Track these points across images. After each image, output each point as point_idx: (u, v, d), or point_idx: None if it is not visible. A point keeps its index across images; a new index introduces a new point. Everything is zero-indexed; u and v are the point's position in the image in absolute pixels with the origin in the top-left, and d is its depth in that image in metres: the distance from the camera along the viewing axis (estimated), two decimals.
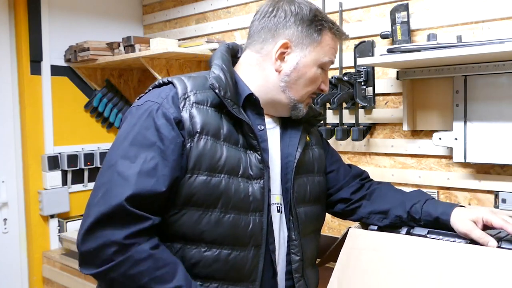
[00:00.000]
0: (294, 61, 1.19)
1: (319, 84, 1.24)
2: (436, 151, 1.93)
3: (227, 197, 1.10)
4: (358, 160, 2.19)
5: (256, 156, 1.15)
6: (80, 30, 2.91)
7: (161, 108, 1.09)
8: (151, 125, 1.07)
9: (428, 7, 1.93)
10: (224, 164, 1.10)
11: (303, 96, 1.23)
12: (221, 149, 1.11)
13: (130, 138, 1.07)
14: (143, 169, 1.03)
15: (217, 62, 1.17)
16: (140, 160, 1.04)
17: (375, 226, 1.36)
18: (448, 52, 1.55)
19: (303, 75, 1.20)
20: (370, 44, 2.03)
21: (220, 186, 1.09)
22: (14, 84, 2.72)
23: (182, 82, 1.14)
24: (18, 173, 2.75)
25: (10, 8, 2.69)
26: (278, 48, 1.18)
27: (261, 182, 1.15)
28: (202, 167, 1.08)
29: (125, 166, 1.04)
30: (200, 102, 1.12)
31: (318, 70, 1.21)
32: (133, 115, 1.12)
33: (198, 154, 1.08)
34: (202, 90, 1.14)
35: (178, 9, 2.97)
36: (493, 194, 1.80)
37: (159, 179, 1.04)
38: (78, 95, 2.94)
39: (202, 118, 1.10)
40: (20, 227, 2.76)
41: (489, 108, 1.73)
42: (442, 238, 1.24)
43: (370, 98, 2.04)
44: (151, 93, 1.16)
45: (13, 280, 2.75)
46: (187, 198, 1.08)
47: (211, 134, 1.10)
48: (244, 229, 1.12)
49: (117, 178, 1.03)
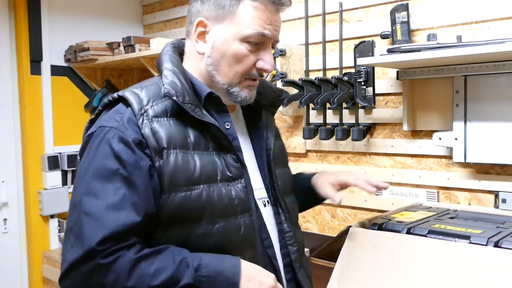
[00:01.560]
0: (212, 39, 1.08)
1: (250, 63, 1.09)
2: (436, 151, 1.93)
3: (211, 207, 1.03)
4: (358, 160, 2.19)
5: (231, 156, 1.09)
6: (80, 30, 2.91)
7: (117, 133, 1.00)
8: (109, 153, 0.98)
9: (428, 7, 1.93)
10: (200, 173, 1.03)
11: (232, 78, 1.10)
12: (193, 159, 1.03)
13: (90, 172, 0.99)
14: (110, 203, 0.95)
15: (167, 65, 1.08)
16: (105, 194, 0.96)
17: (376, 225, 1.36)
18: (448, 52, 1.55)
19: (224, 53, 1.08)
20: (370, 44, 2.03)
21: (201, 197, 1.02)
22: (14, 84, 2.72)
23: (135, 96, 1.04)
24: (18, 173, 2.75)
25: (10, 8, 2.69)
26: (194, 27, 1.09)
27: (242, 181, 1.09)
28: (179, 183, 1.00)
29: (90, 203, 0.96)
30: (159, 114, 1.03)
31: (242, 45, 1.07)
32: (89, 147, 1.03)
33: (170, 171, 1.00)
34: (158, 100, 1.05)
35: (178, 9, 2.97)
36: (493, 194, 1.80)
37: (130, 210, 0.96)
38: (78, 95, 2.95)
39: (166, 131, 1.02)
40: (20, 227, 2.76)
41: (489, 108, 1.73)
42: (442, 238, 1.25)
43: (370, 98, 2.04)
44: (103, 117, 1.06)
45: (13, 280, 2.75)
46: (170, 219, 1.00)
47: (179, 147, 1.02)
48: (236, 234, 1.07)
49: (85, 218, 0.95)
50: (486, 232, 1.26)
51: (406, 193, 2.03)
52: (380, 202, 2.10)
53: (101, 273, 0.93)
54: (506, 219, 1.47)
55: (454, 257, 1.15)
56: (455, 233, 1.25)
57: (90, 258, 0.92)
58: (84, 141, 1.07)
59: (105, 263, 0.93)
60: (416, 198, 1.99)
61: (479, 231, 1.26)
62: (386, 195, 2.08)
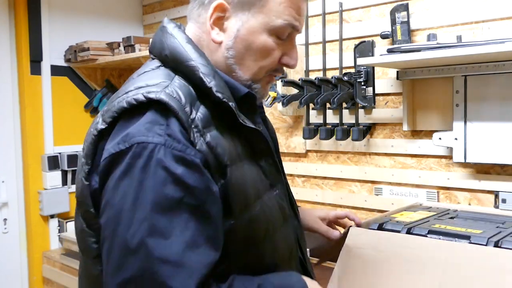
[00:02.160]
0: (235, 27, 0.91)
1: (277, 57, 0.95)
2: (436, 151, 1.93)
3: (269, 223, 0.91)
4: (358, 160, 2.19)
5: (268, 161, 0.96)
6: (80, 30, 2.91)
7: (170, 151, 0.79)
8: (167, 178, 0.77)
9: (428, 7, 1.93)
10: (253, 187, 0.89)
11: (256, 74, 0.94)
12: (246, 172, 0.89)
13: (144, 205, 0.77)
14: (186, 240, 0.76)
15: (200, 61, 0.89)
16: (174, 231, 0.76)
17: (376, 225, 1.36)
18: (448, 52, 1.55)
19: (250, 45, 0.91)
20: (370, 44, 2.03)
21: (260, 215, 0.89)
22: (14, 84, 2.72)
23: (176, 101, 0.82)
24: (18, 173, 2.75)
25: (10, 8, 2.69)
26: (211, 12, 0.91)
27: (279, 186, 0.98)
28: (243, 204, 0.86)
29: (161, 246, 0.75)
30: (207, 124, 0.84)
31: (270, 38, 0.92)
32: (128, 170, 0.79)
33: (236, 191, 0.85)
34: (196, 105, 0.86)
35: (178, 9, 2.97)
36: (493, 194, 1.80)
37: (206, 245, 0.78)
38: (78, 95, 2.95)
39: (221, 144, 0.84)
40: (20, 227, 2.76)
41: (489, 108, 1.73)
42: (442, 238, 1.24)
43: (370, 98, 2.04)
44: (136, 129, 0.80)
45: (13, 280, 2.75)
46: (236, 247, 0.86)
47: (236, 160, 0.87)
48: (283, 248, 0.96)
49: (162, 266, 0.74)
50: (486, 232, 1.26)
51: (406, 193, 2.03)
52: (380, 202, 2.10)
53: None
54: (506, 219, 1.47)
55: (454, 257, 1.15)
56: (455, 233, 1.25)
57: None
58: (106, 162, 0.81)
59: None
60: (416, 198, 1.99)
61: (479, 231, 1.26)
62: (386, 195, 2.08)
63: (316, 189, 2.33)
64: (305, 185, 2.37)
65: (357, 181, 2.19)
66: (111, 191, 0.80)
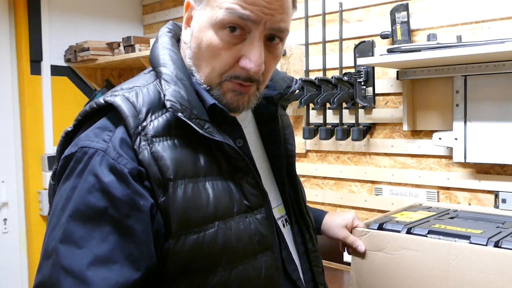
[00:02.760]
0: (192, 24, 0.85)
1: (229, 59, 0.81)
2: (436, 151, 1.93)
3: (229, 250, 0.80)
4: (358, 160, 2.19)
5: (249, 180, 0.85)
6: (80, 30, 2.91)
7: (106, 159, 0.74)
8: (94, 186, 0.73)
9: (428, 7, 1.93)
10: (215, 208, 0.79)
11: (210, 77, 0.83)
12: (206, 190, 0.79)
13: (68, 210, 0.73)
14: (97, 255, 0.70)
15: (167, 68, 0.83)
16: (89, 242, 0.71)
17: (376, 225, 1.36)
18: (448, 52, 1.55)
19: (200, 43, 0.82)
20: (370, 44, 2.03)
21: (217, 239, 0.78)
22: (14, 84, 2.72)
23: (129, 106, 0.78)
24: (18, 173, 2.75)
25: (10, 8, 2.69)
26: (184, 11, 0.88)
27: (262, 211, 0.86)
28: (190, 223, 0.77)
29: (70, 255, 0.70)
30: (161, 133, 0.78)
31: (216, 34, 0.81)
32: (69, 174, 0.77)
33: (179, 209, 0.76)
34: (158, 112, 0.80)
35: (178, 9, 2.97)
36: (493, 194, 1.80)
37: (124, 263, 0.71)
38: (78, 95, 2.94)
39: (171, 156, 0.77)
40: (20, 227, 2.76)
41: (489, 108, 1.73)
42: (442, 238, 1.24)
43: (370, 98, 2.04)
44: (87, 133, 0.79)
45: (13, 280, 2.75)
46: (179, 269, 0.77)
47: (188, 176, 0.78)
48: (257, 278, 0.83)
49: (63, 276, 0.69)
50: (486, 232, 1.26)
51: (406, 193, 2.03)
52: (380, 202, 2.10)
53: None
54: (506, 219, 1.47)
55: (454, 257, 1.15)
56: (455, 233, 1.25)
57: None
58: (60, 165, 0.80)
59: None
60: (416, 198, 1.99)
61: (479, 231, 1.26)
62: (386, 195, 2.09)
63: (316, 189, 2.33)
64: (305, 185, 2.37)
65: (357, 181, 2.20)
66: (56, 193, 0.79)
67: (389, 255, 1.26)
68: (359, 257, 1.30)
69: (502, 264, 1.09)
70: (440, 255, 1.18)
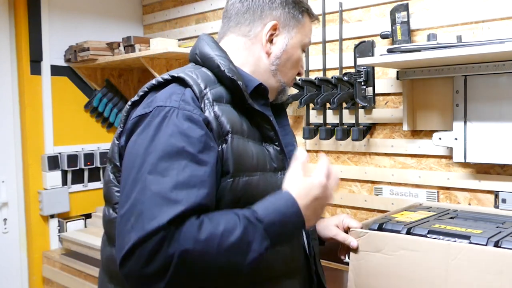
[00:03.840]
0: (283, 43, 1.18)
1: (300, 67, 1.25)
2: (436, 151, 1.93)
3: (266, 194, 1.02)
4: (358, 160, 2.19)
5: (274, 147, 1.12)
6: (80, 30, 2.91)
7: (182, 112, 0.97)
8: (175, 131, 0.95)
9: (428, 7, 1.93)
10: (257, 161, 1.05)
11: (289, 78, 1.22)
12: (250, 147, 1.05)
13: (153, 151, 0.93)
14: (179, 181, 0.90)
15: (219, 53, 1.10)
16: (172, 172, 0.91)
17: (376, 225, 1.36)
18: (448, 52, 1.55)
19: (291, 57, 1.19)
20: (370, 44, 2.03)
21: (259, 184, 1.04)
22: (14, 84, 2.72)
23: (192, 78, 1.04)
24: (18, 173, 2.75)
25: (10, 8, 2.69)
26: (268, 30, 1.16)
27: (284, 172, 1.10)
28: (243, 168, 1.01)
29: (157, 182, 0.90)
30: (218, 99, 1.03)
31: (300, 51, 1.22)
32: (145, 127, 0.98)
33: (236, 155, 1.00)
34: (213, 86, 1.05)
35: (178, 9, 2.97)
36: (493, 194, 1.80)
37: (200, 187, 0.92)
38: (78, 95, 2.95)
39: (227, 116, 1.02)
40: (20, 227, 2.76)
41: (489, 108, 1.73)
42: (442, 238, 1.24)
43: (370, 98, 2.04)
44: (158, 97, 1.02)
45: (13, 280, 2.75)
46: (235, 204, 0.99)
47: (239, 133, 1.03)
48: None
49: (152, 197, 0.89)
50: (486, 232, 1.26)
51: (406, 193, 2.03)
52: (380, 202, 2.10)
53: (166, 244, 0.86)
54: (506, 219, 1.47)
55: (454, 257, 1.15)
56: (455, 233, 1.25)
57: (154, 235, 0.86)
58: (133, 122, 1.02)
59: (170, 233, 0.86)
60: (416, 198, 1.99)
61: (479, 231, 1.26)
62: (386, 195, 2.09)
63: None
64: None
65: (357, 181, 2.20)
66: (132, 143, 0.99)
67: (387, 255, 1.26)
68: (356, 258, 1.30)
69: (501, 264, 1.09)
70: (439, 255, 1.18)
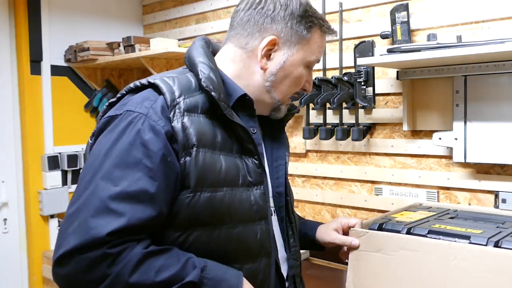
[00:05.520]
0: (281, 59, 1.10)
1: (303, 84, 1.16)
2: (436, 151, 1.93)
3: (233, 211, 1.01)
4: (358, 160, 2.19)
5: (253, 161, 1.06)
6: (80, 30, 2.91)
7: (148, 120, 0.95)
8: (136, 141, 0.94)
9: (428, 7, 1.93)
10: (225, 176, 1.01)
11: (286, 96, 1.14)
12: (220, 160, 1.01)
13: (111, 156, 0.93)
14: (128, 193, 0.90)
15: (203, 60, 1.05)
16: (124, 183, 0.90)
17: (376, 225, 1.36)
18: (448, 52, 1.55)
19: (289, 74, 1.11)
20: (370, 44, 2.03)
21: (224, 200, 1.00)
22: (14, 84, 2.72)
23: (167, 85, 1.00)
24: (18, 173, 2.75)
25: (10, 8, 2.69)
26: (265, 45, 1.08)
27: (261, 187, 1.07)
28: (205, 183, 0.98)
29: (105, 189, 0.90)
30: (191, 109, 1.00)
31: (303, 69, 1.13)
32: (111, 129, 0.98)
33: (199, 169, 0.97)
34: (189, 94, 1.01)
35: (178, 9, 2.97)
36: (493, 194, 1.80)
37: (148, 204, 0.92)
38: (78, 95, 2.95)
39: (196, 128, 0.98)
40: (20, 227, 2.76)
41: (489, 108, 1.73)
42: (442, 238, 1.24)
43: (370, 98, 2.04)
44: (131, 101, 1.01)
45: (13, 280, 2.75)
46: (193, 220, 0.97)
47: (208, 146, 0.99)
48: (253, 240, 1.05)
49: (98, 203, 0.89)
50: (486, 232, 1.26)
51: (406, 193, 2.03)
52: (380, 202, 2.10)
53: (106, 263, 0.88)
54: (506, 219, 1.47)
55: (454, 257, 1.15)
56: (455, 233, 1.25)
57: (96, 247, 0.87)
58: (103, 122, 1.01)
59: (113, 253, 0.88)
60: (416, 198, 1.99)
61: (479, 231, 1.26)
62: (386, 195, 2.08)
63: (316, 189, 2.33)
64: (305, 185, 2.37)
65: (357, 181, 2.19)
66: (97, 143, 0.99)
67: (387, 255, 1.26)
68: (356, 258, 1.30)
69: (501, 264, 1.09)
70: (438, 255, 1.18)
